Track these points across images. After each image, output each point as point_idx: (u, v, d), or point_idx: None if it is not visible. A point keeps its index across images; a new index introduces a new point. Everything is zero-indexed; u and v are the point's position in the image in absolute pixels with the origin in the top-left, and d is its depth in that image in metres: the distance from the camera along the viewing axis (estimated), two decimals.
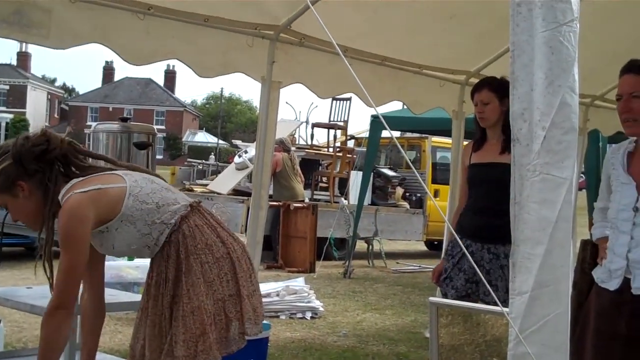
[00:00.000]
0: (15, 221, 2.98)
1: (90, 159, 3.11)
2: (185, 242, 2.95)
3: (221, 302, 2.96)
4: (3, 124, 76.01)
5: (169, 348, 2.90)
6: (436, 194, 14.56)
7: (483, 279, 3.78)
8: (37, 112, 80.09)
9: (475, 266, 3.72)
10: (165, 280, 2.97)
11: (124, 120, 4.12)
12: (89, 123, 72.37)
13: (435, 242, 15.65)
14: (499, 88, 4.35)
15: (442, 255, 4.73)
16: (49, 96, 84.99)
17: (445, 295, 4.35)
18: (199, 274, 2.93)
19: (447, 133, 8.70)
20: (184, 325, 2.90)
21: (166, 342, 2.94)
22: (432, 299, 3.52)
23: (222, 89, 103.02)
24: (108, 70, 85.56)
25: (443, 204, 7.03)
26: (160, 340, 2.97)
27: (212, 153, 26.31)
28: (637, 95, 3.32)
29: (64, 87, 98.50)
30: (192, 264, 2.94)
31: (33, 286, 4.81)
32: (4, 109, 76.68)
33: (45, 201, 2.89)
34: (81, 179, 2.92)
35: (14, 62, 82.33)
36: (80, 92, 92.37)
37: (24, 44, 68.22)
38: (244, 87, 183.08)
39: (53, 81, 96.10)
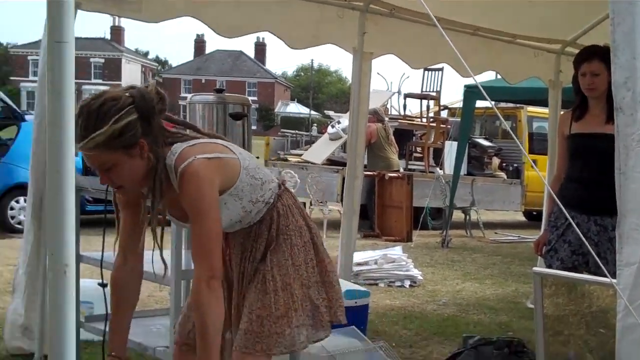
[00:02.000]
0: (106, 186, 2.74)
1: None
2: (278, 220, 2.86)
3: (306, 288, 2.87)
4: None
5: (246, 323, 2.80)
6: (534, 164, 14.32)
7: (592, 251, 3.72)
8: (131, 84, 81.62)
9: (583, 238, 3.67)
10: (250, 259, 2.88)
11: (219, 91, 4.15)
12: (182, 95, 73.58)
13: (534, 213, 15.41)
14: (607, 58, 4.24)
15: (544, 226, 4.65)
16: (143, 69, 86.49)
17: (549, 267, 4.30)
18: (287, 255, 2.84)
19: (542, 103, 8.55)
20: (262, 302, 2.79)
21: (243, 319, 2.84)
22: (536, 269, 3.50)
23: (312, 60, 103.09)
24: (199, 43, 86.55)
25: (541, 174, 6.94)
26: (237, 319, 2.90)
27: (314, 124, 26.35)
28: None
29: (156, 60, 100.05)
30: (281, 243, 2.85)
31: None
32: (100, 81, 78.44)
33: (157, 164, 2.62)
34: (188, 144, 2.69)
35: (108, 36, 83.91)
36: (173, 65, 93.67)
37: (117, 18, 69.48)
38: (333, 58, 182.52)
39: (146, 54, 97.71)
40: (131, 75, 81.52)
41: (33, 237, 4.71)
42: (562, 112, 5.84)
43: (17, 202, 10.55)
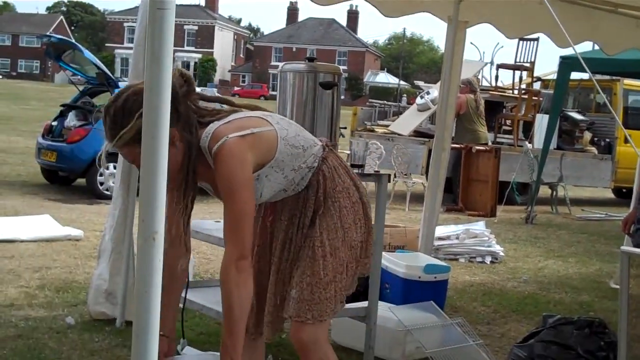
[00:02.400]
0: None
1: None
2: (325, 183, 2.85)
3: (354, 250, 2.90)
4: (192, 64, 79.13)
5: (296, 291, 2.82)
6: (627, 139, 13.92)
7: None
8: (223, 52, 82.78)
9: None
10: (299, 225, 2.88)
11: (311, 60, 4.13)
12: (273, 63, 74.11)
13: (624, 190, 15.02)
14: None
15: (633, 204, 4.50)
16: (235, 36, 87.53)
17: (637, 246, 4.17)
18: (336, 218, 2.84)
19: None
20: (312, 269, 2.81)
21: (289, 285, 2.87)
22: (624, 248, 3.38)
23: (404, 29, 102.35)
24: (292, 11, 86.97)
25: (637, 149, 6.70)
26: (282, 287, 2.92)
27: (404, 95, 26.18)
28: None
29: (249, 28, 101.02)
30: (329, 207, 2.84)
31: (220, 220, 5.00)
32: (192, 48, 79.72)
33: (190, 150, 2.62)
34: (223, 122, 2.68)
35: (202, 3, 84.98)
36: (265, 33, 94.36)
37: None
38: (425, 27, 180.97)
39: (239, 21, 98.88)
40: (223, 42, 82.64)
41: (121, 204, 4.77)
42: None
43: (107, 168, 10.75)
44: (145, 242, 1.81)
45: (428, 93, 14.09)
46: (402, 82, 63.58)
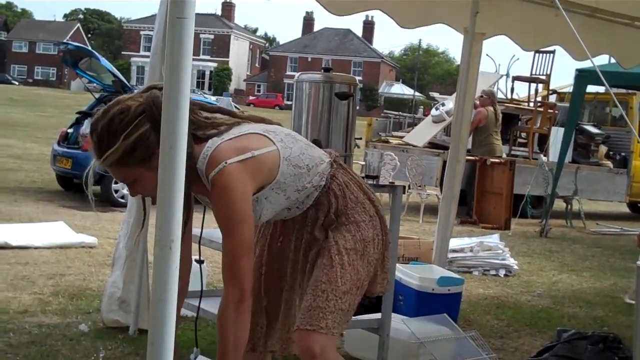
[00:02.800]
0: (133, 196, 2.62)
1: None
2: (336, 202, 2.71)
3: (370, 266, 2.77)
4: (207, 73, 79.42)
5: (310, 297, 2.68)
6: None
7: None
8: (239, 61, 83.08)
9: None
10: (308, 247, 2.76)
11: (327, 70, 4.14)
12: (288, 73, 74.27)
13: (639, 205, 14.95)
14: None
15: None
16: (251, 46, 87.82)
17: None
18: (354, 230, 2.70)
19: None
20: (328, 276, 2.67)
21: (306, 297, 2.71)
22: None
23: (420, 40, 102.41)
24: (308, 21, 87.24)
25: None
26: (293, 304, 2.82)
27: (421, 106, 26.14)
28: None
29: (265, 37, 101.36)
30: (343, 222, 2.71)
31: None
32: (208, 57, 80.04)
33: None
34: (224, 139, 2.52)
35: (219, 12, 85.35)
36: (281, 42, 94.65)
37: None
38: (441, 39, 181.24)
39: (255, 31, 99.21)
40: (239, 52, 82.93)
41: (136, 211, 4.78)
42: None
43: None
44: (161, 250, 1.81)
45: (443, 105, 14.08)
46: (417, 94, 63.59)
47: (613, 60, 7.83)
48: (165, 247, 1.81)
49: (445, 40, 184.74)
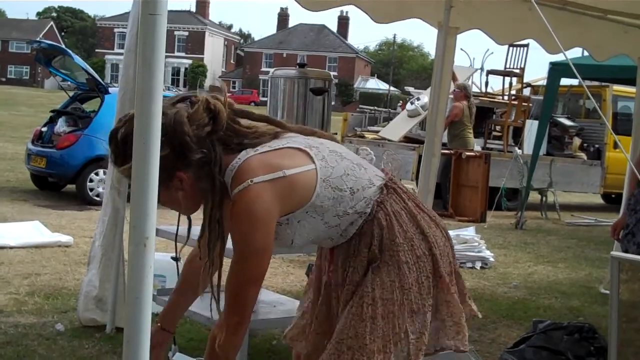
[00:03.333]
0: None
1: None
2: (381, 234, 2.35)
3: (417, 315, 2.36)
4: (182, 70, 79.09)
5: (334, 356, 2.35)
6: (615, 145, 13.99)
7: None
8: (214, 58, 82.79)
9: None
10: (345, 282, 2.43)
11: (302, 66, 4.14)
12: (263, 69, 74.18)
13: (613, 196, 15.07)
14: None
15: (622, 209, 4.52)
16: (226, 42, 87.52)
17: (625, 251, 4.19)
18: (393, 275, 2.33)
19: (630, 82, 8.30)
20: (356, 330, 2.33)
21: (328, 349, 2.38)
22: (614, 253, 3.39)
23: (394, 35, 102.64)
24: (283, 17, 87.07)
25: (622, 155, 6.66)
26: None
27: (400, 102, 26.15)
28: None
29: (239, 34, 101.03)
30: (386, 261, 2.35)
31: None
32: (183, 54, 79.71)
33: (210, 188, 2.27)
34: (257, 151, 2.27)
35: (193, 9, 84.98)
36: (256, 39, 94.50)
37: None
38: (416, 33, 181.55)
39: (229, 27, 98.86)
40: (214, 48, 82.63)
41: (111, 210, 4.76)
42: None
43: (97, 174, 10.71)
44: (136, 248, 1.81)
45: (418, 99, 14.14)
46: (392, 88, 63.67)
47: (587, 53, 7.88)
48: (140, 245, 1.81)
49: (420, 34, 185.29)
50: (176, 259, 3.90)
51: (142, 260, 1.81)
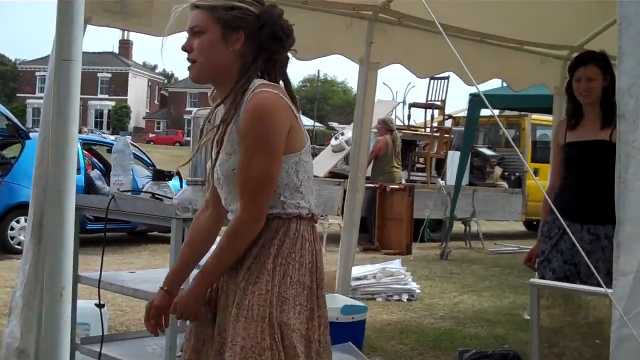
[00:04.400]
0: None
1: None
2: (283, 240, 2.44)
3: (288, 329, 2.40)
4: (105, 112, 78.26)
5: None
6: (536, 172, 14.30)
7: (586, 258, 3.68)
8: (138, 98, 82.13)
9: (578, 246, 3.62)
10: (236, 273, 2.49)
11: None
12: (188, 109, 73.85)
13: (535, 222, 15.35)
14: (603, 63, 4.24)
15: (538, 237, 4.62)
16: (150, 83, 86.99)
17: (542, 278, 4.27)
18: (276, 281, 2.40)
19: (547, 110, 8.51)
20: (247, 332, 2.37)
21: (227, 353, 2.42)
22: (533, 280, 3.46)
23: (318, 70, 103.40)
24: None
25: (543, 182, 6.79)
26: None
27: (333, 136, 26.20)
28: None
29: (164, 74, 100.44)
30: (275, 266, 2.42)
31: (136, 270, 4.92)
32: (106, 96, 78.89)
33: (239, 76, 2.43)
34: (273, 89, 2.43)
35: (116, 50, 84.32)
36: (180, 78, 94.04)
37: (126, 32, 69.86)
38: (339, 69, 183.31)
39: (153, 68, 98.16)
40: (138, 89, 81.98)
41: (32, 258, 4.65)
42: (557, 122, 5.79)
43: (18, 222, 10.46)
44: (52, 298, 1.78)
45: (342, 134, 14.25)
46: (317, 124, 63.95)
47: (506, 84, 8.08)
48: (56, 295, 1.78)
49: (343, 70, 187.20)
50: (100, 306, 3.85)
51: (58, 310, 1.78)
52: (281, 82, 2.54)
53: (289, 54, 2.61)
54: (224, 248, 2.43)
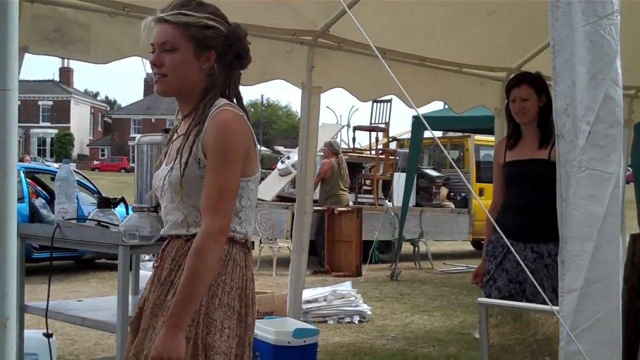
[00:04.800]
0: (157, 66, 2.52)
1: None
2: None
3: (208, 349, 2.42)
4: (48, 140, 77.31)
5: None
6: (481, 192, 14.47)
7: (531, 277, 3.73)
8: (81, 126, 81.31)
9: (523, 264, 3.67)
10: (166, 286, 2.51)
11: (167, 131, 4.11)
12: (132, 135, 73.32)
13: (482, 242, 15.52)
14: (536, 83, 4.34)
15: (483, 256, 4.67)
16: (92, 110, 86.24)
17: (489, 297, 4.31)
18: (204, 301, 2.43)
19: (490, 131, 8.63)
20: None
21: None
22: (480, 299, 3.50)
23: (262, 95, 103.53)
24: (149, 82, 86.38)
25: (488, 202, 6.87)
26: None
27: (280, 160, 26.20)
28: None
29: (106, 101, 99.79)
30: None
31: (83, 299, 4.86)
32: (48, 124, 78.00)
33: (206, 93, 2.51)
34: (236, 109, 2.53)
35: (57, 78, 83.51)
36: (122, 105, 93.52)
37: (65, 59, 69.20)
38: (282, 93, 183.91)
39: (95, 95, 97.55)
40: (80, 116, 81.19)
41: None
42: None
43: None
44: None
45: (288, 158, 14.28)
46: (263, 148, 63.96)
47: (447, 106, 8.18)
48: (0, 325, 1.74)
49: (286, 94, 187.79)
50: (48, 336, 3.78)
51: (2, 341, 1.74)
52: (234, 100, 2.61)
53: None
54: (190, 268, 2.37)
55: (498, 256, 4.37)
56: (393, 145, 16.02)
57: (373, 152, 15.06)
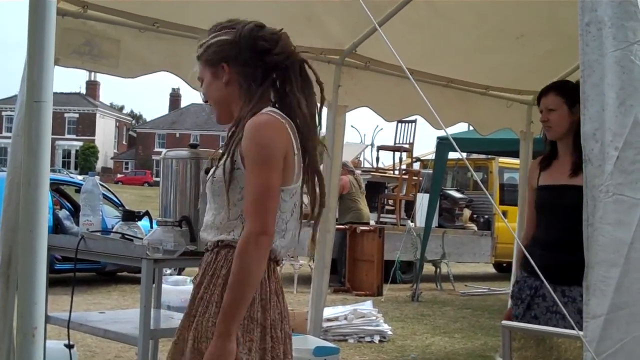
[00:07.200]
0: (206, 102, 2.71)
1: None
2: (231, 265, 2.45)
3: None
4: (73, 152, 77.85)
5: None
6: (504, 215, 14.39)
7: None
8: (106, 139, 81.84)
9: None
10: (193, 299, 2.54)
11: (193, 146, 4.14)
12: (156, 149, 73.71)
13: (504, 265, 15.45)
14: (568, 93, 3.67)
15: (510, 299, 4.31)
16: (117, 123, 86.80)
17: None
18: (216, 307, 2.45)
19: (514, 154, 8.61)
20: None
21: None
22: (504, 322, 3.46)
23: None
24: (174, 97, 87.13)
25: (511, 225, 6.84)
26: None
27: None
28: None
29: (131, 114, 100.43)
30: (223, 297, 2.41)
31: (105, 311, 4.88)
32: (73, 136, 78.57)
33: (243, 100, 2.55)
34: (275, 114, 2.50)
35: (83, 91, 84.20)
36: (148, 119, 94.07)
37: (92, 72, 69.83)
38: None
39: (121, 109, 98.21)
40: (105, 130, 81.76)
41: (0, 298, 4.60)
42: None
43: None
44: (24, 338, 1.77)
45: None
46: None
47: (473, 128, 8.16)
48: (28, 335, 1.76)
49: None
50: (69, 347, 3.80)
51: (30, 351, 1.76)
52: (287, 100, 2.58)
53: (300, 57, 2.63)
54: (235, 273, 2.35)
55: (525, 299, 3.83)
56: (417, 166, 16.00)
57: (396, 172, 15.03)
